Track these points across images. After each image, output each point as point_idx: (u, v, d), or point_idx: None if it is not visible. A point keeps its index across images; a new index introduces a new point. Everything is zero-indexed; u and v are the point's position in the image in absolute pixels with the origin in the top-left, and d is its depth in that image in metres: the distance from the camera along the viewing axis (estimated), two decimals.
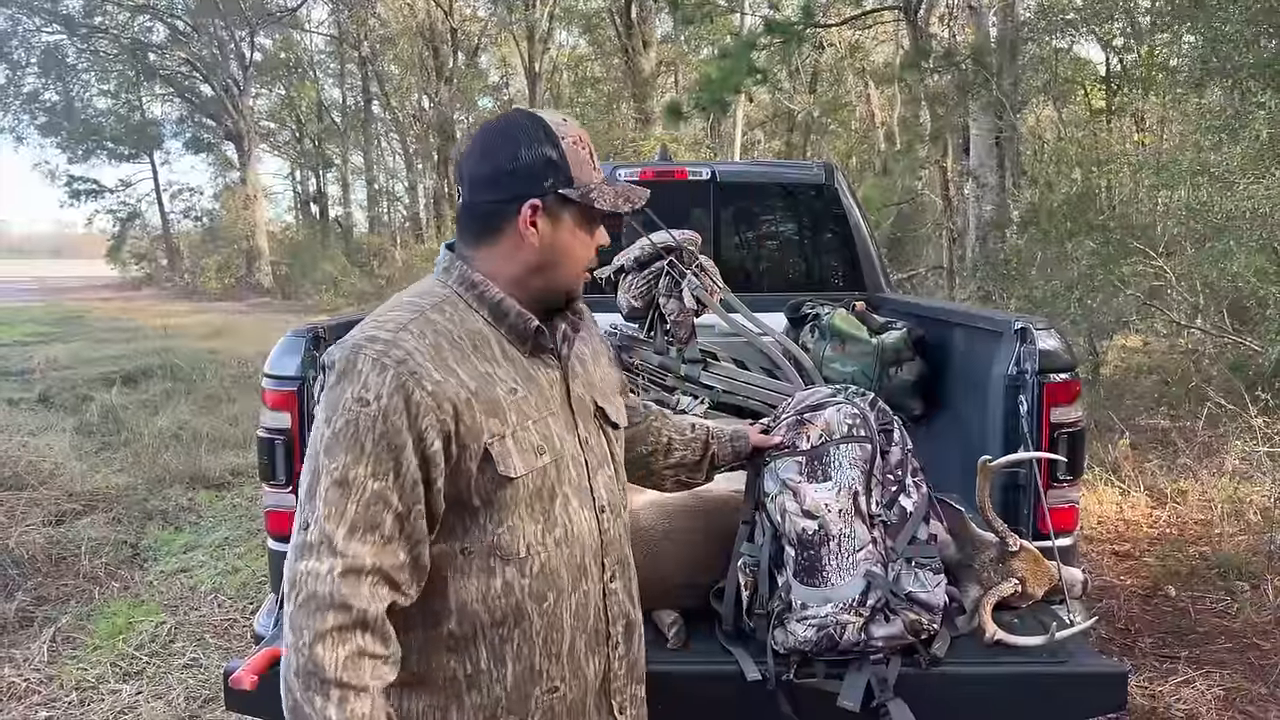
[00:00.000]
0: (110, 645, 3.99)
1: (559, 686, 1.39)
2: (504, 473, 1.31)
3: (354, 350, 1.29)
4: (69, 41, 28.91)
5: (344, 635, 1.19)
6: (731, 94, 12.25)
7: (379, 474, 1.24)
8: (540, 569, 1.36)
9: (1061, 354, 2.40)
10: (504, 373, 1.37)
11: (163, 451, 7.04)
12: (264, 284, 28.81)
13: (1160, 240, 7.93)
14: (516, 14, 24.49)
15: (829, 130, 21.64)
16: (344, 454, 1.24)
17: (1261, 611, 4.11)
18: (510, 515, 1.33)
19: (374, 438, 1.24)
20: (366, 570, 1.22)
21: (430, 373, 1.28)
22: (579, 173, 1.40)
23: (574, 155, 1.41)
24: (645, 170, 4.27)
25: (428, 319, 1.34)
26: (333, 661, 1.18)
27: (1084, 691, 1.90)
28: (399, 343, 1.29)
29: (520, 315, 1.40)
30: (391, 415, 1.24)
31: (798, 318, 3.70)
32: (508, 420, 1.33)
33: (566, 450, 1.41)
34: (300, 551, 1.23)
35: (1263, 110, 6.45)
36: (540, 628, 1.36)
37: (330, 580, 1.20)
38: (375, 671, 1.22)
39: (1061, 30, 12.34)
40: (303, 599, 1.20)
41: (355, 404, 1.25)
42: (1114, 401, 7.80)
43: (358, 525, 1.22)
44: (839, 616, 1.84)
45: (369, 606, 1.21)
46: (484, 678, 1.34)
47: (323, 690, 1.18)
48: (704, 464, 1.96)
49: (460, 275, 1.41)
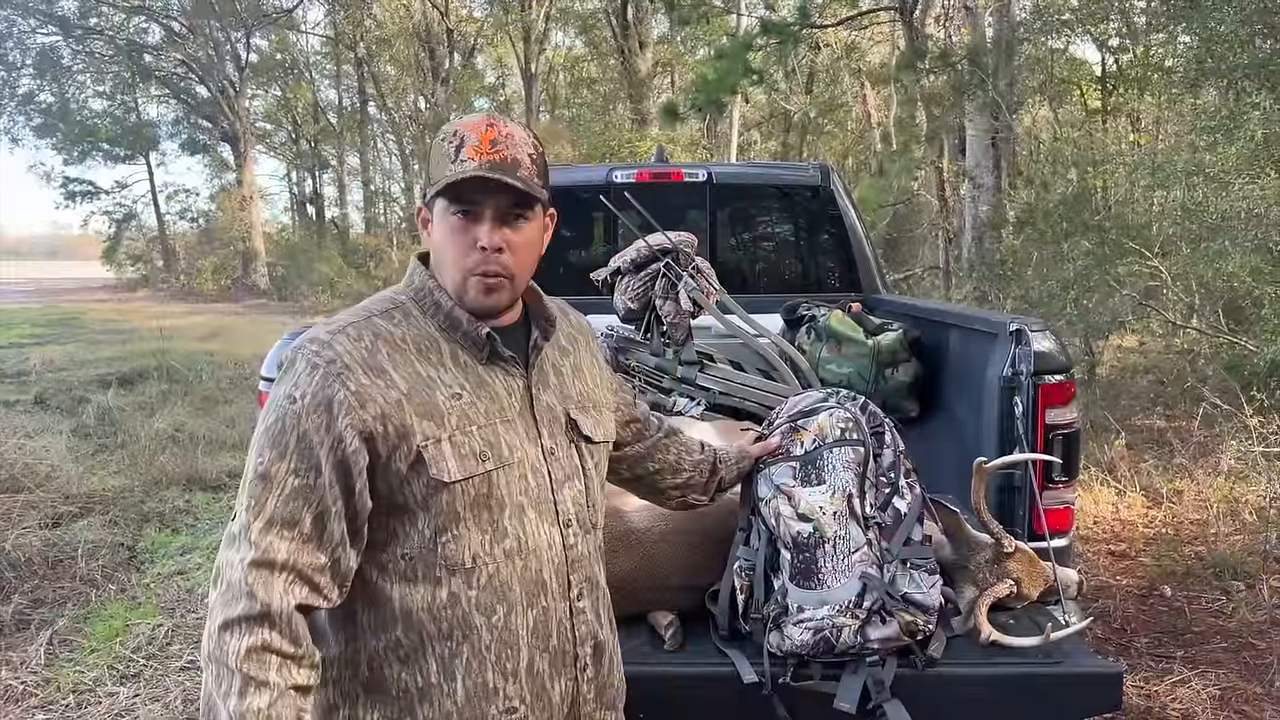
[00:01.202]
0: (107, 648, 3.98)
1: (518, 707, 1.37)
2: (437, 476, 1.31)
3: (296, 350, 1.33)
4: (64, 43, 28.83)
5: (248, 626, 1.20)
6: (728, 95, 12.26)
7: (299, 471, 1.25)
8: (488, 581, 1.34)
9: (1056, 355, 2.41)
10: (449, 378, 1.36)
11: (159, 453, 7.03)
12: (260, 285, 28.78)
13: (1156, 240, 7.94)
14: (513, 15, 24.49)
15: (825, 131, 21.64)
16: (270, 449, 1.26)
17: (1257, 611, 4.12)
18: (453, 523, 1.32)
19: (296, 435, 1.26)
20: (279, 565, 1.23)
21: (357, 375, 1.29)
22: (435, 169, 1.38)
23: (436, 153, 1.38)
24: (642, 172, 4.26)
25: (371, 323, 1.36)
26: (235, 651, 1.18)
27: (1080, 692, 1.91)
28: (333, 344, 1.32)
29: (471, 323, 1.39)
30: (312, 414, 1.27)
31: (794, 319, 3.70)
32: (445, 424, 1.33)
33: (520, 459, 1.39)
34: (226, 540, 1.26)
35: (1258, 111, 6.46)
36: (490, 642, 1.34)
37: (241, 569, 1.21)
38: (283, 670, 1.21)
39: (1057, 30, 12.36)
40: (222, 587, 1.23)
41: (285, 401, 1.28)
42: (1110, 401, 7.82)
43: (275, 520, 1.24)
44: (835, 619, 1.85)
45: (275, 601, 1.21)
46: (435, 691, 1.33)
47: (228, 678, 1.18)
48: (711, 485, 1.96)
49: (420, 282, 1.43)
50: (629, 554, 2.10)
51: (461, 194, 1.36)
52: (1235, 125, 6.66)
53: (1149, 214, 9.25)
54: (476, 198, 1.36)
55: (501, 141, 1.36)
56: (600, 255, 4.12)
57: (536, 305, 1.52)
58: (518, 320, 1.48)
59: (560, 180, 4.49)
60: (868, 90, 18.95)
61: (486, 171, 1.33)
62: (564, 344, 1.56)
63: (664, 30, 21.56)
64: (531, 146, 1.39)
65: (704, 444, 1.97)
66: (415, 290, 1.43)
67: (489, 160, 1.34)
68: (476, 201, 1.36)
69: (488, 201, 1.36)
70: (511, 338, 1.44)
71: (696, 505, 1.98)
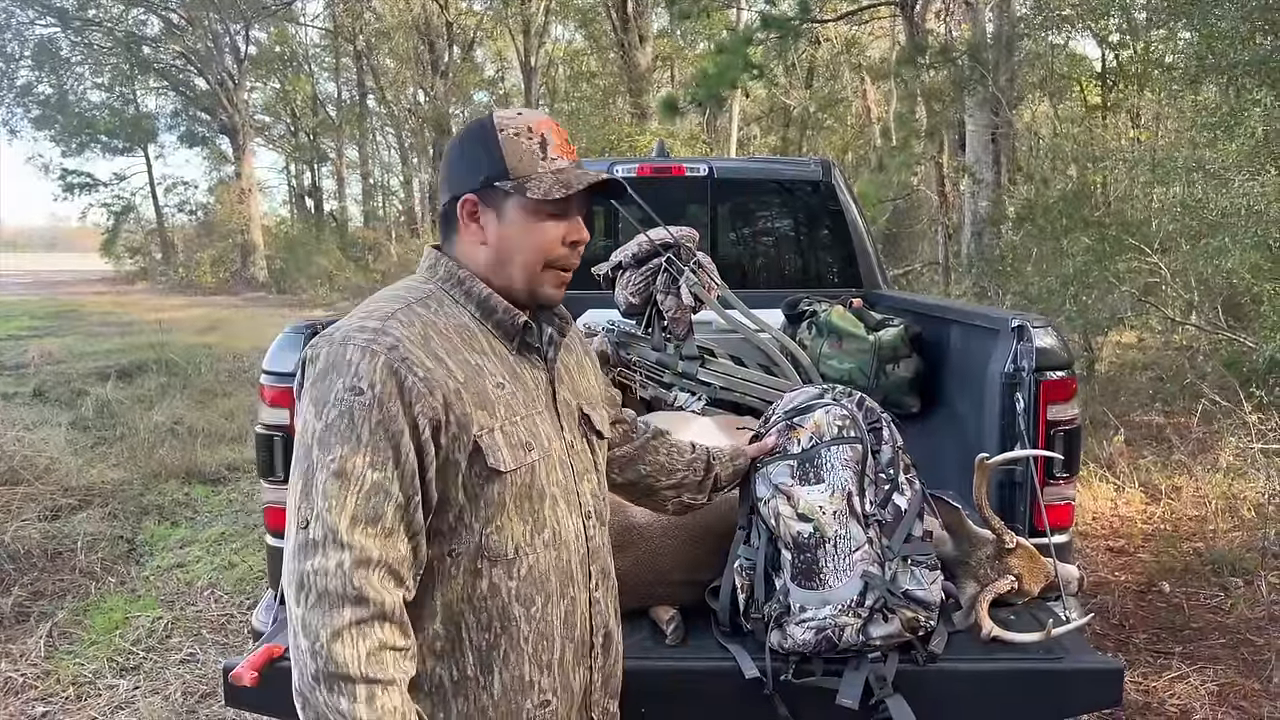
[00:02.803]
0: (107, 640, 3.99)
1: (550, 700, 1.36)
2: (494, 466, 1.29)
3: (342, 341, 1.26)
4: (63, 34, 28.78)
5: (364, 629, 1.16)
6: (728, 89, 12.24)
7: (377, 464, 1.21)
8: (528, 571, 1.33)
9: (1058, 351, 2.41)
10: (492, 366, 1.35)
11: (158, 446, 7.03)
12: (259, 278, 28.77)
13: (1155, 237, 7.94)
14: (512, 8, 24.44)
15: (825, 126, 21.62)
16: (340, 445, 1.20)
17: (1255, 607, 4.14)
18: (499, 514, 1.31)
19: (370, 426, 1.21)
20: (374, 562, 1.18)
21: (421, 359, 1.26)
22: (516, 163, 1.36)
23: (512, 146, 1.37)
24: (643, 166, 4.26)
25: (413, 310, 1.33)
26: (355, 658, 1.14)
27: (1080, 687, 1.91)
28: (388, 330, 1.27)
29: (508, 311, 1.38)
30: (387, 402, 1.22)
31: (795, 314, 3.70)
32: (496, 413, 1.32)
33: (554, 450, 1.39)
34: (304, 551, 1.18)
35: (1258, 107, 6.46)
36: (529, 634, 1.33)
37: (341, 574, 1.16)
38: (399, 665, 1.19)
39: (1058, 26, 12.33)
40: (314, 599, 1.16)
41: (348, 393, 1.22)
42: (1109, 397, 7.83)
43: (359, 517, 1.19)
44: (838, 619, 1.84)
45: (385, 598, 1.18)
46: (471, 684, 1.31)
47: (348, 690, 1.14)
48: (706, 484, 1.95)
49: (447, 271, 1.41)
50: (631, 549, 2.10)
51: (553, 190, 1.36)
52: (1235, 122, 6.66)
53: (1149, 210, 9.24)
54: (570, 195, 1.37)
55: (570, 141, 1.41)
56: (601, 250, 4.12)
57: None
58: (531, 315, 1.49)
59: None
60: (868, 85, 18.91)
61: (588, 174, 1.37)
62: (567, 341, 1.56)
63: (664, 24, 21.51)
64: None
65: (694, 444, 1.96)
66: (442, 279, 1.40)
67: (574, 160, 1.39)
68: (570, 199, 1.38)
69: (579, 199, 1.40)
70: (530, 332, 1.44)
71: (694, 506, 1.96)
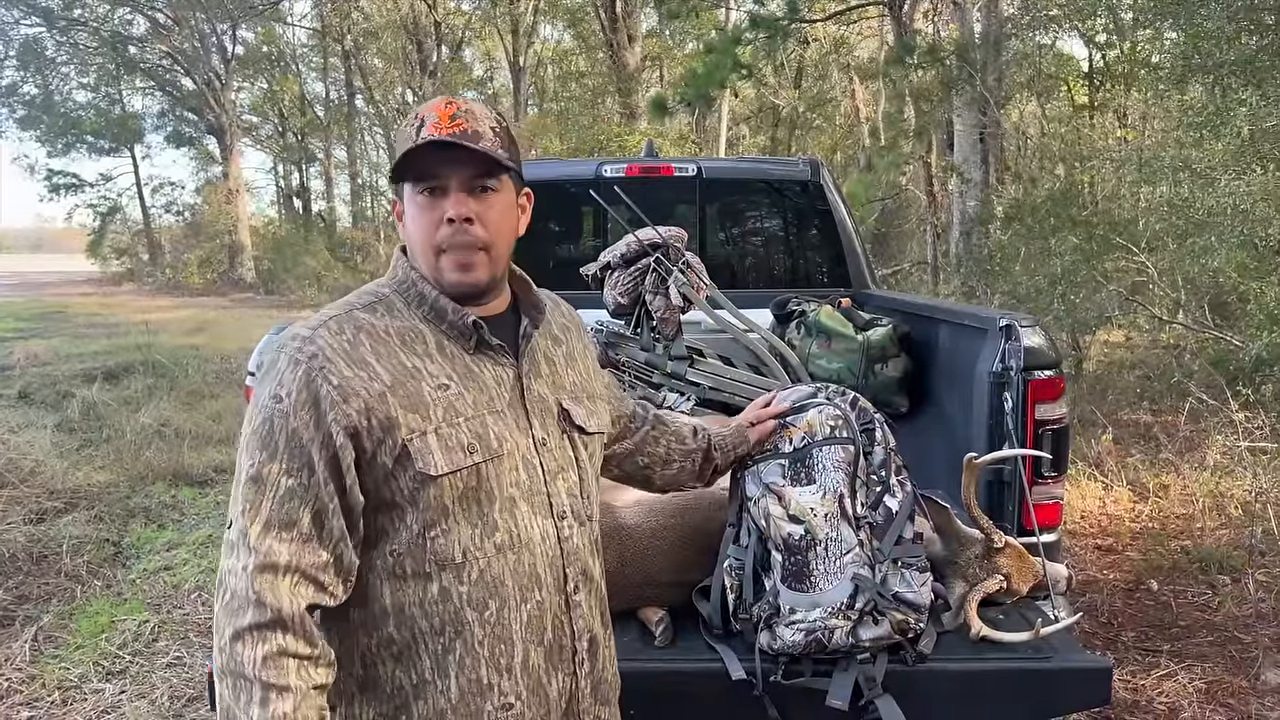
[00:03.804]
0: (93, 644, 3.96)
1: (514, 703, 1.35)
2: (423, 469, 1.29)
3: (278, 348, 1.31)
4: (48, 34, 28.59)
5: (263, 633, 1.18)
6: (717, 89, 12.25)
7: (292, 470, 1.24)
8: (479, 576, 1.32)
9: (1046, 351, 2.42)
10: (435, 368, 1.34)
11: (145, 448, 6.99)
12: (246, 279, 28.63)
13: (1142, 236, 7.98)
14: (500, 7, 24.39)
15: (814, 126, 21.69)
16: (259, 451, 1.25)
17: (1242, 605, 4.15)
18: (441, 518, 1.31)
19: (286, 434, 1.24)
20: (282, 568, 1.21)
21: (340, 367, 1.28)
22: (400, 147, 1.35)
23: (400, 136, 1.37)
24: (632, 166, 4.25)
25: (352, 316, 1.35)
26: (252, 660, 1.17)
27: (1069, 686, 1.92)
28: (314, 339, 1.30)
29: (456, 311, 1.37)
30: (300, 411, 1.25)
31: (784, 314, 3.70)
32: (430, 416, 1.31)
33: (510, 451, 1.37)
34: (225, 549, 1.25)
35: (1244, 107, 6.50)
36: (483, 638, 1.33)
37: (245, 577, 1.20)
38: (301, 672, 1.20)
39: (1045, 26, 12.38)
40: (226, 598, 1.21)
41: (270, 401, 1.26)
42: (1097, 396, 7.86)
43: (272, 522, 1.22)
44: (827, 621, 1.84)
45: (285, 604, 1.20)
46: (429, 688, 1.32)
47: (247, 689, 1.17)
48: (705, 471, 1.93)
49: (403, 274, 1.41)
50: (619, 549, 2.09)
51: (424, 171, 1.34)
52: (1222, 121, 6.70)
53: (1136, 210, 9.29)
54: (439, 171, 1.34)
55: (461, 116, 1.34)
56: (589, 250, 4.11)
57: (526, 295, 1.50)
58: (506, 309, 1.47)
59: (550, 174, 4.48)
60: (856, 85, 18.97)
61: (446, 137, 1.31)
62: (556, 333, 1.54)
63: (653, 24, 21.55)
64: (494, 120, 1.37)
65: (697, 429, 1.93)
66: (398, 282, 1.41)
67: (448, 133, 1.32)
68: (439, 175, 1.34)
69: (451, 174, 1.33)
70: (501, 327, 1.42)
71: (694, 489, 1.98)
